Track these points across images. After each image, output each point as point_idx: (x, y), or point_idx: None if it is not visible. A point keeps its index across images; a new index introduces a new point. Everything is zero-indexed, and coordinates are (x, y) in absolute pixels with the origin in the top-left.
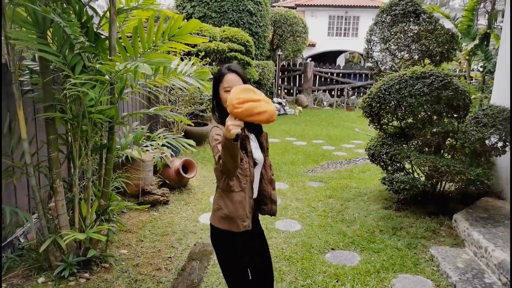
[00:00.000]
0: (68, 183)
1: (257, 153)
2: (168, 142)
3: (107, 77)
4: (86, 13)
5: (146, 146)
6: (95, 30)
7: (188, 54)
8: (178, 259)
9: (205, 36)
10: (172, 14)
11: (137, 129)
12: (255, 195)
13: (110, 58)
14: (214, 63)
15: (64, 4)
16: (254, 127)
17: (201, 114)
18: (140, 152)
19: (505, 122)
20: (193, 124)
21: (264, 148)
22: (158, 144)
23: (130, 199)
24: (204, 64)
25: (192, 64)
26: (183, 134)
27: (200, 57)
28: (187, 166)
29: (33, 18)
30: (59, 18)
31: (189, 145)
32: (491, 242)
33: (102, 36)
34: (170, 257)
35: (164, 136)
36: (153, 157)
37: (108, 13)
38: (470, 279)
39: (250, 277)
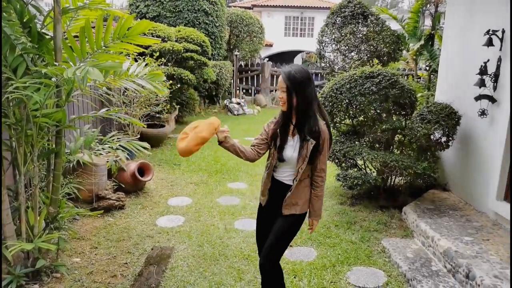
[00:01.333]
0: (14, 191)
1: (288, 152)
2: (121, 146)
3: (53, 79)
4: (28, 12)
5: (99, 149)
6: (39, 30)
7: (142, 54)
8: (135, 265)
9: (159, 36)
10: (122, 14)
11: (88, 132)
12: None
13: (57, 63)
14: (169, 64)
15: (4, 3)
16: (302, 129)
17: (157, 115)
18: (91, 156)
19: (448, 118)
20: (145, 126)
21: (301, 153)
22: (112, 147)
23: (83, 205)
24: (159, 65)
25: (146, 65)
26: (139, 136)
27: (154, 57)
28: (143, 169)
29: None
30: None
31: (144, 148)
32: (437, 232)
33: (47, 37)
34: (126, 263)
35: (117, 139)
36: (107, 161)
37: (52, 12)
38: (418, 267)
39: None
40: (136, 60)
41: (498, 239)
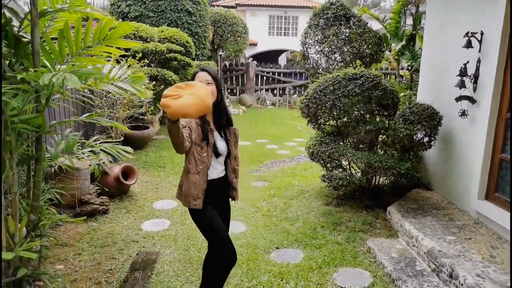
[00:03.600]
0: None
1: (221, 145)
2: (104, 150)
3: (32, 83)
4: (4, 16)
5: (81, 154)
6: (15, 33)
7: (125, 56)
8: (120, 271)
9: (141, 36)
10: (102, 17)
11: (69, 136)
12: (210, 178)
13: (34, 69)
14: (152, 65)
15: None
16: (220, 123)
17: (141, 117)
18: (72, 160)
19: (429, 119)
20: (129, 130)
21: (229, 141)
22: (94, 152)
23: (66, 211)
24: (142, 66)
25: (129, 66)
26: (122, 138)
27: (137, 58)
28: (127, 172)
29: None
30: None
31: (127, 152)
32: (420, 232)
33: (24, 40)
34: (111, 269)
35: (100, 142)
36: (90, 165)
37: (30, 15)
38: (403, 267)
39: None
40: (118, 62)
41: (480, 237)
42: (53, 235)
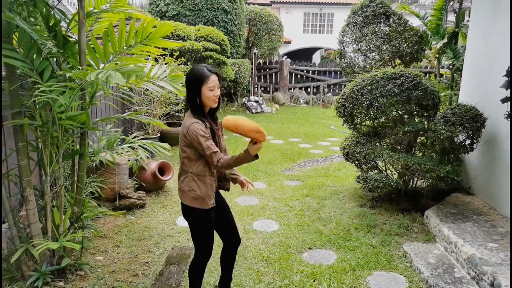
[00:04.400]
0: (40, 191)
1: (222, 143)
2: (142, 146)
3: (77, 81)
4: (54, 17)
5: (122, 149)
6: (64, 33)
7: (162, 54)
8: (156, 264)
9: (179, 35)
10: (144, 17)
11: (110, 132)
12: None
13: (81, 66)
14: (189, 63)
15: (31, 8)
16: (211, 119)
17: (177, 114)
18: (114, 156)
19: (472, 120)
20: (167, 127)
21: (221, 136)
22: (132, 148)
23: (105, 204)
24: (179, 64)
25: (167, 65)
26: (159, 135)
27: (174, 56)
28: (163, 168)
29: None
30: (24, 23)
31: (164, 148)
32: (460, 238)
33: (72, 40)
34: (148, 262)
35: (138, 139)
36: (128, 160)
37: (77, 16)
38: (441, 274)
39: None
40: (156, 60)
41: None
42: (93, 227)
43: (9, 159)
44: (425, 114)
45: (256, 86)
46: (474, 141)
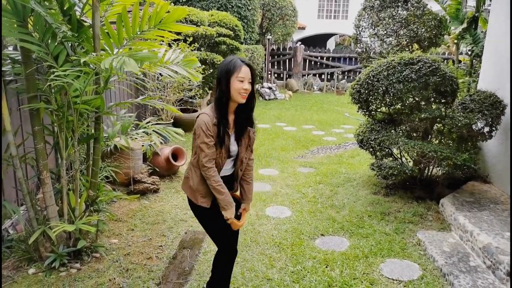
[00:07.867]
0: (56, 174)
1: (233, 147)
2: (156, 131)
3: (92, 66)
4: (68, 0)
5: (136, 134)
6: (78, 18)
7: (176, 39)
8: (169, 248)
9: (192, 20)
10: (157, 1)
11: (124, 117)
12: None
13: (95, 51)
14: (202, 49)
15: None
16: (239, 126)
17: (190, 100)
18: (128, 141)
19: (492, 107)
20: (180, 113)
21: (241, 143)
22: (146, 133)
23: (119, 188)
24: (192, 50)
25: (180, 50)
26: (172, 121)
27: (188, 42)
28: (176, 154)
29: (12, 5)
30: (39, 7)
31: (178, 133)
32: (476, 226)
33: (86, 24)
34: (161, 246)
35: (152, 124)
36: (142, 145)
37: (91, 0)
38: (455, 262)
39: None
40: (170, 46)
41: None
42: (108, 210)
43: (26, 143)
44: (443, 101)
45: (269, 72)
46: (493, 128)
